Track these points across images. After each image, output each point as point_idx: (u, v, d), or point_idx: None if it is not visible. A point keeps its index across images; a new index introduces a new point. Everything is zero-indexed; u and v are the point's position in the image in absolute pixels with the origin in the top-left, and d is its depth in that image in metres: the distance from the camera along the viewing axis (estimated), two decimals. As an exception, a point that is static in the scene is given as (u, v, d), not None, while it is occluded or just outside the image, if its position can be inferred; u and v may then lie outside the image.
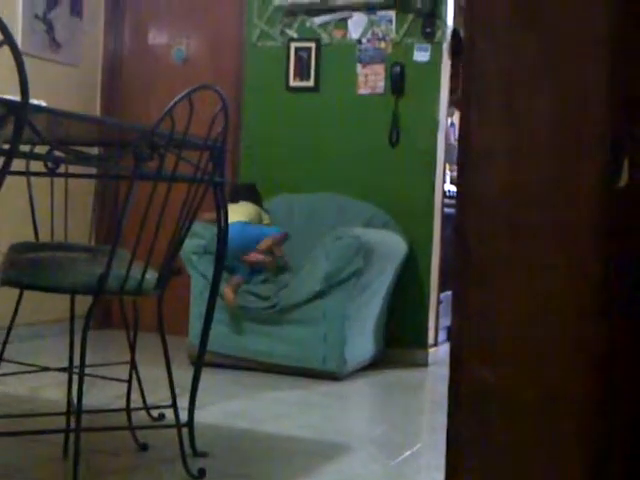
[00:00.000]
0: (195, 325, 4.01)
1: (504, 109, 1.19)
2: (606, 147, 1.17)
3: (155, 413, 2.94)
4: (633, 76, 1.18)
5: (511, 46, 1.18)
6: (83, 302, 2.59)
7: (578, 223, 1.21)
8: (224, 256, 2.57)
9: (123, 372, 3.04)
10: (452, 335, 1.36)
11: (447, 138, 4.64)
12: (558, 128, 1.20)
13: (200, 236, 4.03)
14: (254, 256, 4.07)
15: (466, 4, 1.21)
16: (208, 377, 3.59)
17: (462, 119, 1.23)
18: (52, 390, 3.33)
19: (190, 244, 4.01)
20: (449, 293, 4.68)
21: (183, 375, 3.13)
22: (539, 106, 1.18)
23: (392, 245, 4.21)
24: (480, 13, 1.21)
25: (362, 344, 4.06)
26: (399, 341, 4.43)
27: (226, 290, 3.96)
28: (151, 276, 2.31)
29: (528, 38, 1.18)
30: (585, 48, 1.18)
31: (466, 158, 1.22)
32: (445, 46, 4.44)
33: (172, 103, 2.13)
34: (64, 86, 4.77)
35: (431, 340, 4.52)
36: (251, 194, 4.37)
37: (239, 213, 4.14)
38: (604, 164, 1.18)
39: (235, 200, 4.28)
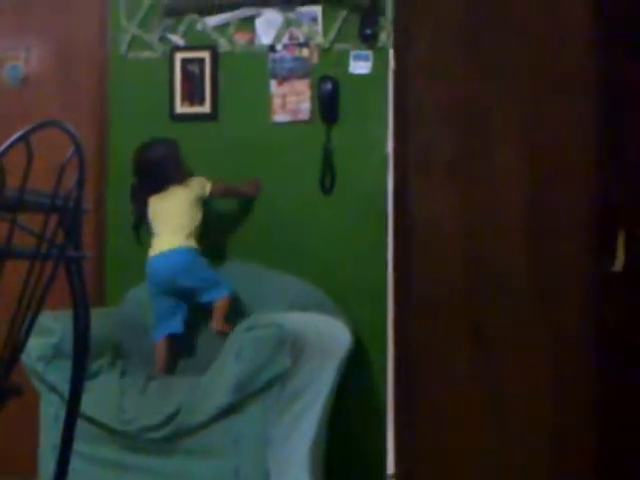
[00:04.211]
0: (47, 463, 3.94)
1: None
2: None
3: None
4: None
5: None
6: None
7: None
8: (85, 358, 2.56)
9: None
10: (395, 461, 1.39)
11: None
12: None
13: (48, 332, 4.00)
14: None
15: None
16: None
17: (396, 179, 1.28)
18: None
19: (35, 345, 3.97)
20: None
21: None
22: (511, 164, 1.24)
23: (331, 335, 4.23)
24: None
25: (293, 480, 4.05)
26: (347, 474, 4.43)
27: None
28: (-22, 397, 2.28)
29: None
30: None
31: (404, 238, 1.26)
32: (393, 53, 4.54)
33: (3, 148, 2.15)
34: None
35: (391, 469, 4.51)
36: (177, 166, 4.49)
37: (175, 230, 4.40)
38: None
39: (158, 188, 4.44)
